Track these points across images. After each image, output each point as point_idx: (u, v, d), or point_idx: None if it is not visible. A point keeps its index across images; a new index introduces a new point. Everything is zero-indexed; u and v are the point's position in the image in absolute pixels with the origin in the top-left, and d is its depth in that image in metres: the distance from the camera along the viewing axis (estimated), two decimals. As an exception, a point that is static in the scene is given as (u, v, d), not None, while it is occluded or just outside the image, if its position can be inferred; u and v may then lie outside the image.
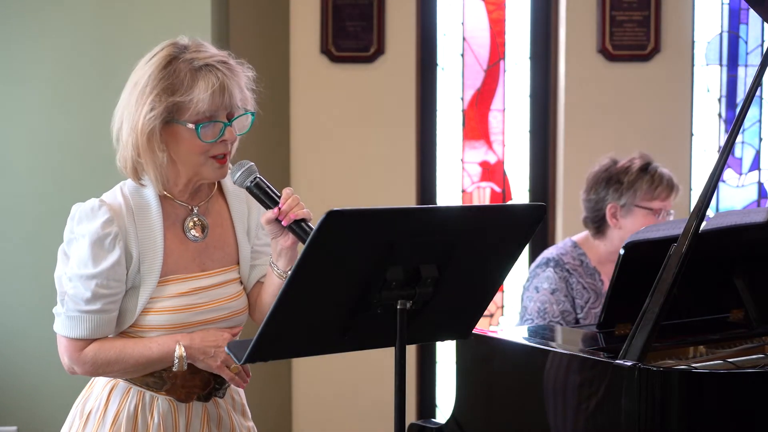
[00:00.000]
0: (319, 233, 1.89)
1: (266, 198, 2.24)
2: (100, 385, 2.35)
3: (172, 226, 2.31)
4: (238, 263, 2.38)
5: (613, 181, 3.40)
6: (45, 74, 4.33)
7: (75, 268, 2.25)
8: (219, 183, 2.40)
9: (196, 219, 2.33)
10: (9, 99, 4.33)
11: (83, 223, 2.24)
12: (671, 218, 3.41)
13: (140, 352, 2.25)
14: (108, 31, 4.32)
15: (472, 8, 5.07)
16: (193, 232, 2.32)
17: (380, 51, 4.84)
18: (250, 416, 2.50)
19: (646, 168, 3.40)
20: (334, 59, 4.81)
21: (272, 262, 2.32)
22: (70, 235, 2.27)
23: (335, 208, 1.89)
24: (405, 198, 4.87)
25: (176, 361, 2.25)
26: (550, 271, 3.36)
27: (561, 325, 3.30)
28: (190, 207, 2.33)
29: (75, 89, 4.33)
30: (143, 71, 2.25)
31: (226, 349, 2.20)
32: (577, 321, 3.34)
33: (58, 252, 2.32)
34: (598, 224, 3.43)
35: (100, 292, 2.23)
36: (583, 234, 3.50)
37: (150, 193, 2.29)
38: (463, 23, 5.06)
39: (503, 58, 5.08)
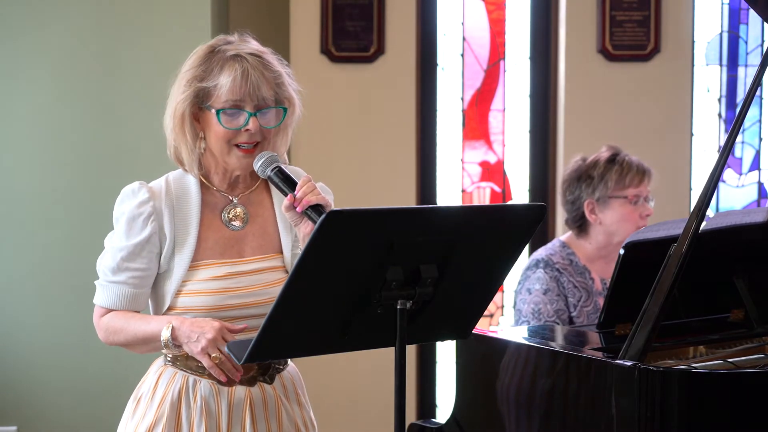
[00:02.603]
0: (319, 233, 1.90)
1: (286, 186, 2.26)
2: (152, 371, 2.43)
3: (210, 214, 2.38)
4: (282, 252, 2.41)
5: (584, 178, 3.39)
6: (45, 73, 4.33)
7: (111, 242, 2.37)
8: None
9: (238, 209, 2.39)
10: (9, 99, 4.33)
11: (124, 203, 2.36)
12: (652, 204, 3.41)
13: (139, 326, 2.33)
14: (108, 31, 4.32)
15: (472, 8, 5.07)
16: (234, 222, 2.39)
17: (380, 51, 4.84)
18: (308, 407, 2.51)
19: (613, 159, 3.39)
20: (334, 59, 4.81)
21: (300, 248, 2.35)
22: (115, 214, 2.38)
23: (335, 208, 1.89)
24: (405, 198, 4.87)
25: (162, 342, 2.30)
26: (541, 272, 3.36)
27: (557, 324, 3.30)
28: (229, 197, 2.39)
29: (75, 88, 4.33)
30: (187, 61, 2.36)
31: (225, 348, 2.20)
32: (571, 319, 3.34)
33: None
34: (579, 224, 3.42)
35: (125, 265, 2.33)
36: (570, 233, 3.49)
37: (192, 181, 2.38)
38: (463, 23, 5.06)
39: (503, 58, 5.08)
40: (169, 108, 2.36)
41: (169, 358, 2.39)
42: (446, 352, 5.03)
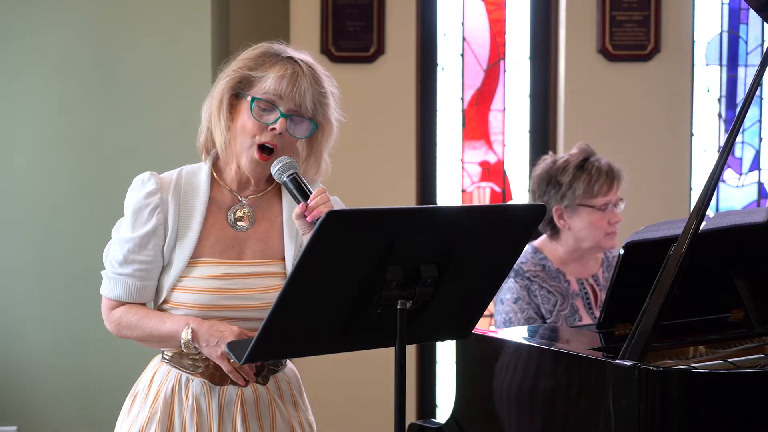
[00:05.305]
0: (319, 234, 1.89)
1: (299, 194, 2.26)
2: (149, 368, 2.46)
3: (216, 211, 2.38)
4: (284, 259, 2.40)
5: (553, 183, 3.32)
6: (45, 73, 4.33)
7: (118, 233, 2.38)
8: None
9: (245, 210, 2.39)
10: (10, 99, 4.33)
11: (132, 192, 2.37)
12: (622, 207, 3.33)
13: (154, 325, 2.33)
14: (109, 31, 4.32)
15: (472, 8, 5.07)
16: (240, 223, 2.39)
17: (380, 51, 4.84)
18: (306, 409, 2.51)
19: (583, 165, 3.31)
20: (334, 59, 4.81)
21: None
22: (125, 203, 2.39)
23: (334, 209, 1.89)
24: (405, 198, 4.87)
25: (182, 343, 2.30)
26: (512, 281, 3.32)
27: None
28: (238, 197, 2.40)
29: (76, 88, 4.33)
30: (242, 54, 2.37)
31: (225, 348, 2.21)
32: None
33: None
34: (550, 227, 3.36)
35: (131, 257, 2.33)
36: (543, 237, 3.44)
37: (203, 177, 2.38)
38: (463, 23, 5.06)
39: (503, 58, 5.08)
40: (211, 92, 2.37)
41: (166, 356, 2.41)
42: (446, 352, 5.03)
